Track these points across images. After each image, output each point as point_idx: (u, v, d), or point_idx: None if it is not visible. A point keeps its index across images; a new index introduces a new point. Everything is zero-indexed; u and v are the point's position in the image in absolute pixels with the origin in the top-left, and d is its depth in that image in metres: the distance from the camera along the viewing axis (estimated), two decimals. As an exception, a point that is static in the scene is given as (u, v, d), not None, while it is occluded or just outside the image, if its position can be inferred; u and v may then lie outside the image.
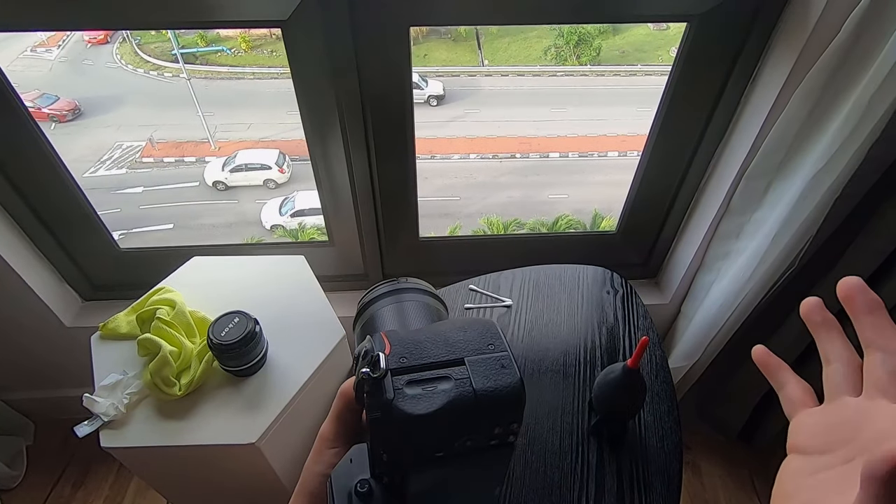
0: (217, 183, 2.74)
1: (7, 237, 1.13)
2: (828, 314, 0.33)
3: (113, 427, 0.84)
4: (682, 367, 1.33)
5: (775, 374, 0.36)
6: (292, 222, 2.68)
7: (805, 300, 0.34)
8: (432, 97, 2.90)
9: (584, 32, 2.91)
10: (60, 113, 2.68)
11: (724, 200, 1.11)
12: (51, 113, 2.66)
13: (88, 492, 1.45)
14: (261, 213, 2.73)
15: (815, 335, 0.33)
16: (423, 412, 0.28)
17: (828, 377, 0.32)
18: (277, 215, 2.70)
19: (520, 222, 2.82)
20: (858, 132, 0.84)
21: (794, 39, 0.89)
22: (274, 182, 2.73)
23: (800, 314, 0.34)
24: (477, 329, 0.32)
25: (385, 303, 0.39)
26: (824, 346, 0.33)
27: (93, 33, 2.87)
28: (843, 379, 0.31)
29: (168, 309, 0.93)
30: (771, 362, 0.36)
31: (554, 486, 0.78)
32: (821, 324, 0.33)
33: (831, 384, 0.31)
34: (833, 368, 0.32)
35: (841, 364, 0.31)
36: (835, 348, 0.32)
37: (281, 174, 2.73)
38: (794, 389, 0.34)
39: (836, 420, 0.30)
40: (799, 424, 0.32)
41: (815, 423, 0.31)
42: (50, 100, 2.68)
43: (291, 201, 2.72)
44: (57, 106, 2.69)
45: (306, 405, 0.90)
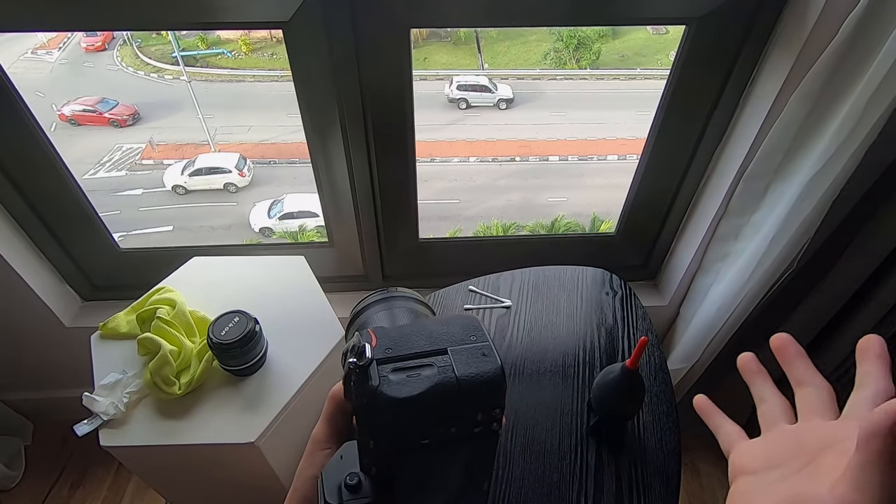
0: (177, 187, 2.73)
1: (8, 237, 1.13)
2: (760, 365, 0.41)
3: (112, 426, 0.84)
4: (682, 368, 1.34)
5: (712, 418, 0.42)
6: (281, 225, 2.68)
7: (740, 355, 0.41)
8: (502, 100, 2.89)
9: (584, 36, 2.92)
10: (121, 117, 2.69)
11: (723, 202, 1.12)
12: (111, 118, 2.66)
13: (87, 492, 1.45)
14: (249, 216, 2.74)
15: (750, 382, 0.40)
16: (407, 395, 0.28)
17: (764, 413, 0.38)
18: (266, 218, 2.70)
19: (519, 225, 2.82)
20: (856, 135, 0.84)
21: (792, 42, 0.90)
22: (234, 186, 2.73)
23: (738, 366, 0.41)
24: (460, 323, 0.33)
25: (377, 309, 0.41)
26: (758, 389, 0.40)
27: (90, 40, 2.86)
28: (778, 412, 0.37)
29: (168, 308, 0.94)
30: (708, 408, 0.43)
31: (553, 486, 0.78)
32: (756, 372, 0.40)
33: (767, 417, 0.38)
34: (768, 405, 0.38)
35: (774, 401, 0.38)
36: (767, 389, 0.39)
37: (241, 178, 2.72)
38: (731, 427, 0.40)
39: (779, 442, 0.35)
40: (741, 453, 0.37)
41: (758, 448, 0.36)
42: (110, 105, 2.67)
43: (280, 203, 2.72)
44: (117, 111, 2.69)
45: (305, 405, 0.90)
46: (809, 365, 0.37)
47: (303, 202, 2.71)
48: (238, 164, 2.72)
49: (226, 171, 2.70)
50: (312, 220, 2.67)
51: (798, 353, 0.37)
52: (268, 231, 2.68)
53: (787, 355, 0.38)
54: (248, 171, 2.75)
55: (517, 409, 0.86)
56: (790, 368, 0.37)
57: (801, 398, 0.36)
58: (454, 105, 2.92)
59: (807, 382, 0.36)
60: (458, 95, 2.88)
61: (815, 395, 0.35)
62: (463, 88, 2.88)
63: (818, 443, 0.32)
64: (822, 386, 0.36)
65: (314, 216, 2.65)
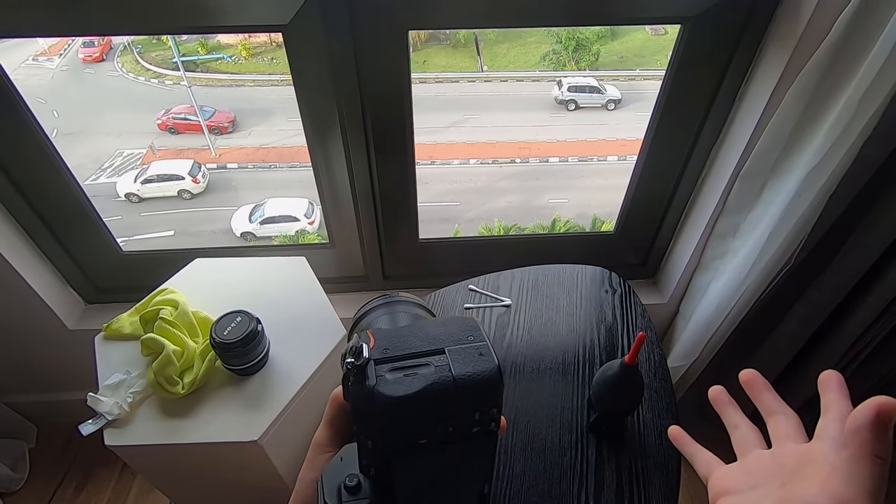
0: (130, 195, 2.69)
1: (11, 241, 1.14)
2: (729, 396, 0.44)
3: (117, 426, 0.85)
4: (681, 366, 1.34)
5: (687, 447, 0.46)
6: (262, 230, 2.64)
7: (711, 388, 0.44)
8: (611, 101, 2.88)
9: (583, 38, 2.92)
10: (222, 125, 2.68)
11: (720, 200, 1.12)
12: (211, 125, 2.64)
13: (91, 494, 1.46)
14: (231, 221, 2.70)
15: (722, 412, 0.44)
16: (403, 394, 0.29)
17: (738, 439, 0.41)
18: (247, 223, 2.67)
19: (520, 227, 2.83)
20: (851, 130, 0.85)
21: (787, 40, 0.91)
22: (189, 193, 2.67)
23: (709, 398, 0.44)
24: (457, 324, 0.33)
25: (379, 313, 0.41)
26: (731, 417, 0.43)
27: (88, 50, 2.84)
28: (752, 438, 0.40)
29: (171, 309, 0.94)
30: (682, 438, 0.47)
31: (554, 481, 0.78)
32: (727, 402, 0.44)
33: (742, 443, 0.40)
34: (741, 432, 0.41)
35: (747, 428, 0.41)
36: (739, 418, 0.42)
37: (195, 184, 2.67)
38: (706, 455, 0.44)
39: (757, 464, 0.37)
40: (721, 476, 0.40)
41: (737, 471, 0.39)
42: (208, 113, 2.66)
43: (262, 208, 2.69)
44: (216, 119, 2.69)
45: (308, 404, 0.91)
46: (776, 396, 0.40)
47: (284, 206, 2.68)
48: (192, 171, 2.68)
49: (179, 177, 2.66)
50: (293, 224, 2.65)
51: (765, 385, 0.41)
52: (250, 236, 2.64)
53: (756, 388, 0.41)
54: (203, 178, 2.71)
55: (518, 406, 0.87)
56: (759, 400, 0.40)
57: (773, 426, 0.39)
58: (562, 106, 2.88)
59: (776, 411, 0.39)
60: (568, 97, 2.86)
61: (786, 422, 0.38)
62: (573, 90, 2.86)
63: (796, 462, 0.34)
64: (791, 414, 0.39)
65: (295, 220, 2.63)
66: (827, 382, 0.36)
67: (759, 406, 0.41)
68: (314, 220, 2.63)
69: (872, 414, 0.27)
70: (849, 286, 1.04)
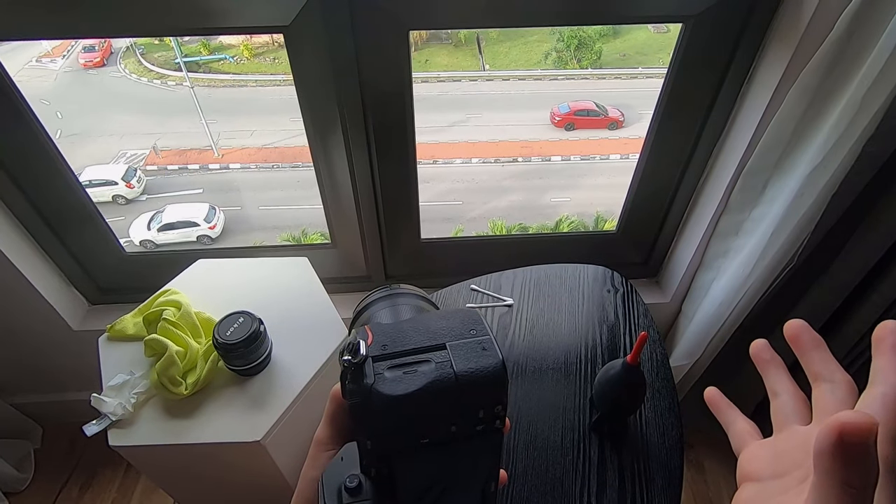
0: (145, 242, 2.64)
1: (15, 242, 1.15)
2: (774, 353, 0.36)
3: (121, 426, 0.85)
4: (684, 365, 1.34)
5: (724, 414, 0.39)
6: (161, 237, 2.56)
7: (753, 343, 0.37)
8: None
9: (585, 36, 2.92)
10: (618, 119, 2.67)
11: (723, 198, 1.12)
12: (611, 120, 2.64)
13: (95, 494, 1.46)
14: (129, 230, 2.61)
15: (763, 372, 0.36)
16: (402, 392, 0.28)
17: (776, 409, 0.34)
18: (146, 230, 2.59)
19: (523, 227, 2.83)
20: (854, 128, 0.85)
21: (789, 38, 0.90)
22: (123, 198, 2.61)
23: (749, 354, 0.37)
24: (459, 317, 0.32)
25: (380, 306, 0.40)
26: (772, 381, 0.36)
27: (88, 55, 2.84)
28: (791, 410, 0.33)
29: (174, 310, 0.95)
30: (721, 403, 0.39)
31: (556, 481, 0.78)
32: (769, 361, 0.36)
33: (780, 415, 0.34)
34: (782, 401, 0.34)
35: (788, 396, 0.34)
36: (782, 383, 0.35)
37: (129, 189, 2.61)
38: (742, 425, 0.37)
39: (788, 446, 0.31)
40: (750, 455, 0.34)
41: (767, 452, 0.33)
42: (602, 109, 2.64)
43: (160, 215, 2.63)
44: (613, 114, 2.65)
45: (310, 404, 0.91)
46: (827, 356, 0.32)
47: (183, 212, 2.59)
48: (126, 176, 2.63)
49: (112, 182, 2.61)
50: (193, 229, 2.56)
51: (814, 342, 0.33)
52: (149, 244, 2.55)
53: (802, 345, 0.33)
54: (138, 183, 2.65)
55: (520, 405, 0.87)
56: (805, 360, 0.33)
57: (817, 396, 0.31)
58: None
59: (823, 377, 0.31)
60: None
61: (831, 394, 0.31)
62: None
63: None
64: (842, 382, 0.31)
65: (194, 225, 2.56)
66: (881, 340, 0.27)
67: (805, 368, 0.33)
68: (215, 225, 2.57)
69: (834, 437, 0.21)
70: (852, 284, 1.03)
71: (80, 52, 2.83)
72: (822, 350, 0.32)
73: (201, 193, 2.88)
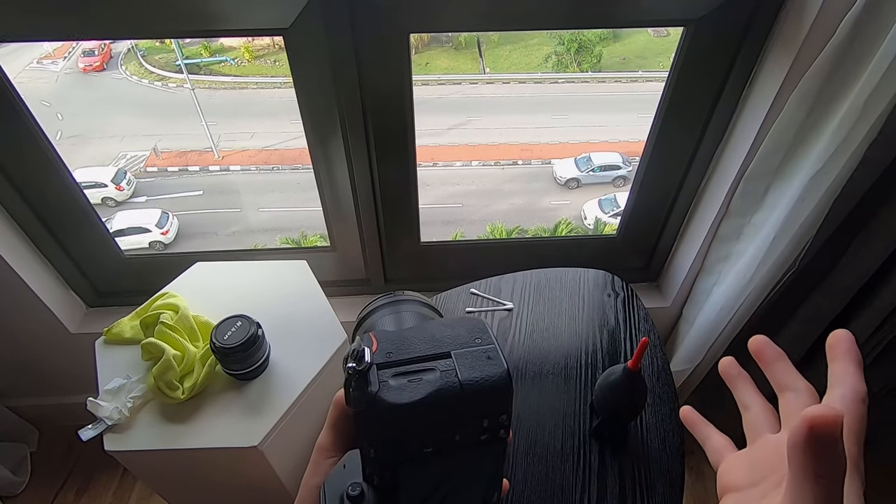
0: None
1: (13, 245, 1.14)
2: (742, 370, 0.39)
3: (117, 431, 0.84)
4: (685, 370, 1.33)
5: (699, 430, 0.41)
6: None
7: (721, 360, 0.39)
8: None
9: (585, 39, 2.92)
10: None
11: (724, 203, 1.12)
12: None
13: (91, 499, 1.46)
14: None
15: (732, 387, 0.39)
16: (407, 401, 0.27)
17: (748, 421, 0.36)
18: None
19: (522, 229, 2.82)
20: (855, 134, 0.84)
21: (790, 42, 0.90)
22: (113, 200, 2.62)
23: (719, 371, 0.39)
24: (464, 325, 0.32)
25: (384, 313, 0.40)
26: (741, 395, 0.38)
27: (88, 60, 2.84)
28: (762, 420, 0.35)
29: (171, 313, 0.94)
30: (696, 420, 0.41)
31: (556, 488, 0.78)
32: (737, 377, 0.38)
33: (752, 427, 0.36)
34: (752, 413, 0.36)
35: (758, 408, 0.36)
36: (750, 396, 0.37)
37: (119, 192, 2.62)
38: (717, 440, 0.39)
39: (762, 454, 0.33)
40: (727, 467, 0.36)
41: (744, 462, 0.35)
42: None
43: (110, 222, 2.61)
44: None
45: (308, 409, 0.91)
46: (790, 367, 0.35)
47: (134, 218, 2.59)
48: (115, 178, 2.63)
49: (102, 185, 2.60)
50: (145, 235, 2.56)
51: (776, 355, 0.35)
52: None
53: (766, 358, 0.35)
54: (128, 185, 2.66)
55: (520, 411, 0.86)
56: (770, 372, 0.35)
57: (783, 404, 0.34)
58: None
59: (788, 386, 0.34)
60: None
61: (795, 401, 0.33)
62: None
63: None
64: (804, 389, 0.33)
65: (146, 231, 2.55)
66: (834, 346, 0.30)
67: (770, 380, 0.35)
68: (168, 230, 2.57)
69: (805, 430, 0.23)
70: (853, 290, 1.03)
71: (79, 56, 2.82)
72: (784, 362, 0.35)
73: (201, 195, 2.88)
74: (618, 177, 2.86)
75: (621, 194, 2.81)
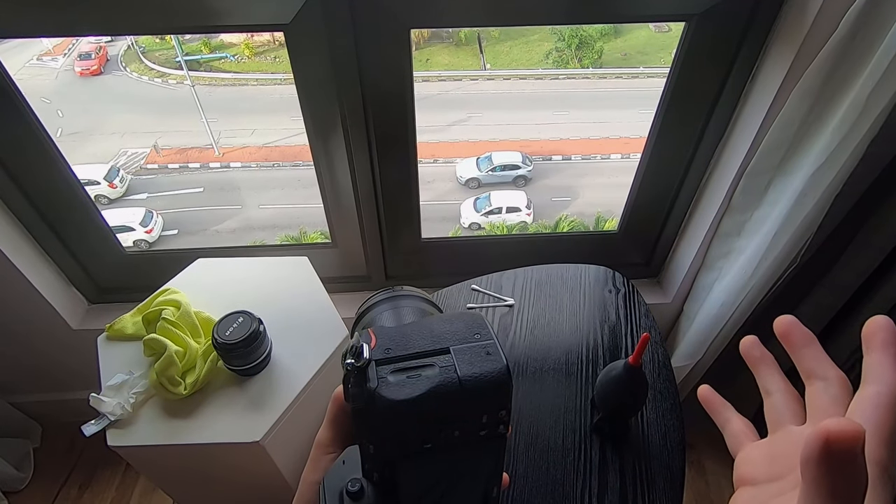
0: None
1: (16, 241, 1.14)
2: (765, 350, 0.35)
3: (119, 426, 0.85)
4: (686, 366, 1.33)
5: (719, 413, 0.37)
6: None
7: (743, 339, 0.36)
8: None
9: (586, 35, 2.91)
10: None
11: (725, 199, 1.11)
12: None
13: (95, 494, 1.46)
14: None
15: (754, 370, 0.35)
16: (406, 397, 0.27)
17: (770, 408, 0.33)
18: None
19: (524, 226, 2.82)
20: (857, 129, 0.84)
21: (792, 37, 0.90)
22: (106, 198, 2.62)
23: (739, 351, 0.36)
24: (463, 321, 0.31)
25: (382, 308, 0.40)
26: (764, 379, 0.34)
27: (85, 63, 2.82)
28: (785, 409, 0.32)
29: (173, 309, 0.94)
30: (715, 402, 0.38)
31: (557, 483, 0.78)
32: (759, 359, 0.35)
33: (774, 414, 0.33)
34: (775, 399, 0.33)
35: (781, 395, 0.33)
36: (774, 381, 0.34)
37: (112, 189, 2.63)
38: (737, 425, 0.36)
39: (783, 448, 0.31)
40: (745, 457, 0.33)
41: (762, 453, 0.32)
42: None
43: None
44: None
45: (310, 404, 0.91)
46: (820, 353, 0.31)
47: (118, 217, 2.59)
48: (108, 176, 2.62)
49: (94, 182, 2.59)
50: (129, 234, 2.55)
51: (805, 338, 0.31)
52: None
53: (793, 342, 0.32)
54: (121, 183, 2.66)
55: (521, 407, 0.87)
56: (797, 357, 0.31)
57: (810, 395, 0.31)
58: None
59: (816, 374, 0.30)
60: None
61: (825, 392, 0.30)
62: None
63: None
64: (835, 379, 0.30)
65: (130, 230, 2.55)
66: (871, 336, 0.27)
67: (797, 366, 0.32)
68: (152, 229, 2.59)
69: (820, 445, 0.21)
70: (855, 286, 1.03)
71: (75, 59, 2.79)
72: (814, 346, 0.31)
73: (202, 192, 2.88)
74: (518, 176, 2.83)
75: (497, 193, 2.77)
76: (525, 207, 2.79)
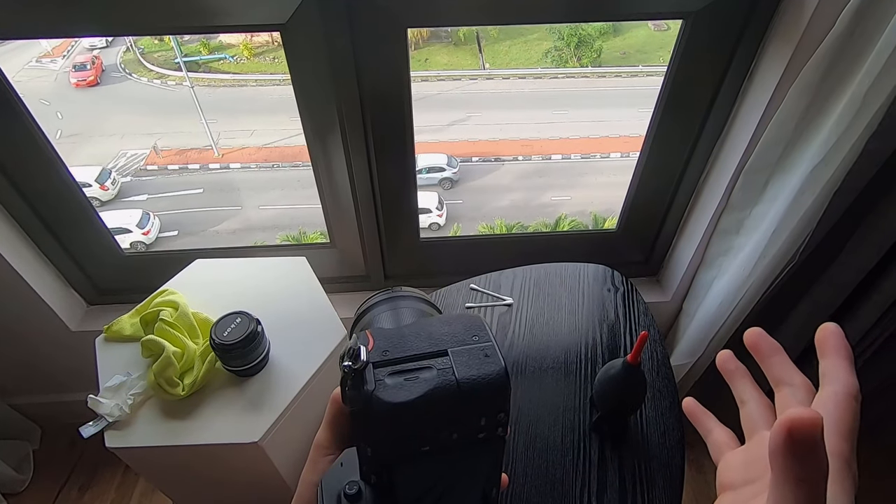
0: None
1: (14, 243, 1.14)
2: (739, 363, 0.38)
3: (118, 428, 0.85)
4: (685, 364, 1.33)
5: (702, 423, 0.40)
6: None
7: (719, 353, 0.38)
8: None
9: (585, 34, 2.91)
10: None
11: (724, 196, 1.11)
12: None
13: (94, 495, 1.46)
14: None
15: (730, 381, 0.38)
16: (403, 400, 0.27)
17: (745, 416, 0.36)
18: None
19: (523, 225, 2.82)
20: (856, 125, 0.84)
21: (790, 34, 0.89)
22: (97, 200, 2.60)
23: (716, 365, 0.39)
24: (462, 322, 0.31)
25: (381, 309, 0.39)
26: (738, 390, 0.37)
27: (80, 74, 2.81)
28: (758, 416, 0.35)
29: (171, 310, 0.94)
30: (698, 413, 0.41)
31: (556, 482, 0.78)
32: (734, 371, 0.38)
33: (749, 423, 0.35)
34: (749, 407, 0.36)
35: (755, 403, 0.36)
36: (748, 391, 0.37)
37: (103, 191, 2.61)
38: (719, 435, 0.38)
39: (757, 452, 0.33)
40: (726, 464, 0.35)
41: (740, 460, 0.34)
42: None
43: None
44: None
45: (308, 405, 0.91)
46: (786, 361, 0.34)
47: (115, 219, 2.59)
48: (100, 178, 2.60)
49: (86, 185, 2.55)
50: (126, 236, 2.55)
51: (772, 349, 0.34)
52: None
53: (762, 352, 0.35)
54: (113, 185, 2.65)
55: (520, 406, 0.86)
56: (766, 366, 0.34)
57: (779, 399, 0.33)
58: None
59: (784, 381, 0.33)
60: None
61: (792, 396, 0.32)
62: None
63: None
64: (801, 385, 0.33)
65: (127, 232, 2.55)
66: (824, 341, 0.30)
67: (766, 374, 0.34)
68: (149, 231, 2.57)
69: (784, 434, 0.23)
70: (854, 283, 1.03)
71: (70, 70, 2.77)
72: (780, 355, 0.34)
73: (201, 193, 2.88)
74: (444, 178, 2.82)
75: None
76: (436, 208, 2.79)
